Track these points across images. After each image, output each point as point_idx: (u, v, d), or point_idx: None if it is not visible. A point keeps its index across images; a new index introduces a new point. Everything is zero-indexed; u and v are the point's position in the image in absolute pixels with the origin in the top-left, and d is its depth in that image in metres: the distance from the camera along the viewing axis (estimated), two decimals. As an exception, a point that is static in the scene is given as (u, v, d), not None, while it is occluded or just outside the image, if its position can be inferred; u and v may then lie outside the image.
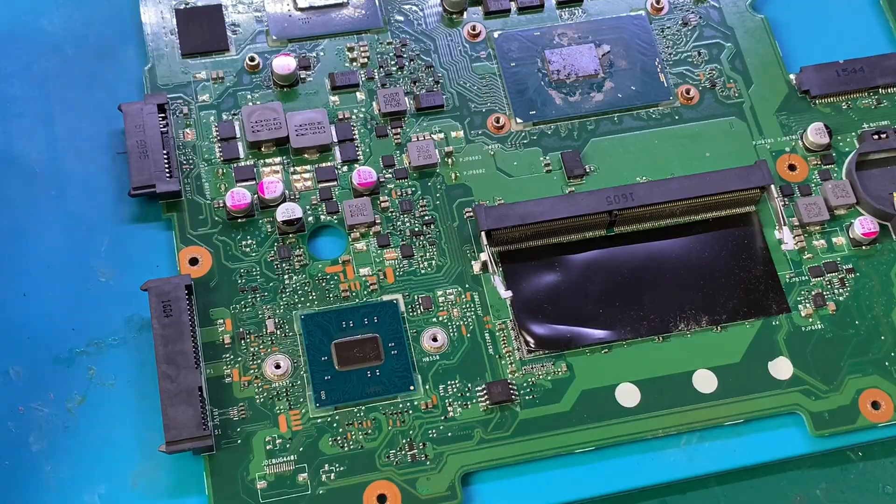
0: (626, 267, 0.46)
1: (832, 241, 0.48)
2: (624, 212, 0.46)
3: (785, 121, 0.50)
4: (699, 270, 0.46)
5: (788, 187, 0.48)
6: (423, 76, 0.50)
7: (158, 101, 0.47)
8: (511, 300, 0.45)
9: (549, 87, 0.50)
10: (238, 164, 0.47)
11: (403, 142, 0.48)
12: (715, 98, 0.50)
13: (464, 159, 0.48)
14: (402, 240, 0.46)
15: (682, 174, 0.48)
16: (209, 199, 0.46)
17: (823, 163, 0.49)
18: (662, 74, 0.50)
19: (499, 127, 0.49)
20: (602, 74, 0.50)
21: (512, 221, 0.45)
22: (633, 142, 0.49)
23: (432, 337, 0.44)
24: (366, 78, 0.49)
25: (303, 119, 0.47)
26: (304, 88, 0.49)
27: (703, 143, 0.49)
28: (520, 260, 0.46)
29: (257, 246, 0.45)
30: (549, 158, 0.48)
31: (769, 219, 0.48)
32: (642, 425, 0.43)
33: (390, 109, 0.48)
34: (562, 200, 0.46)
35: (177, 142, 0.47)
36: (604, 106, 0.50)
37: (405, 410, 0.43)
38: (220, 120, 0.48)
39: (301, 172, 0.47)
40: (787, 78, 0.51)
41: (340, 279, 0.45)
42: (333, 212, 0.46)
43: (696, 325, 0.45)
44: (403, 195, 0.47)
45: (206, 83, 0.48)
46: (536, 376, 0.44)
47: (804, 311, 0.46)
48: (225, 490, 0.41)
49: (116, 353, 0.44)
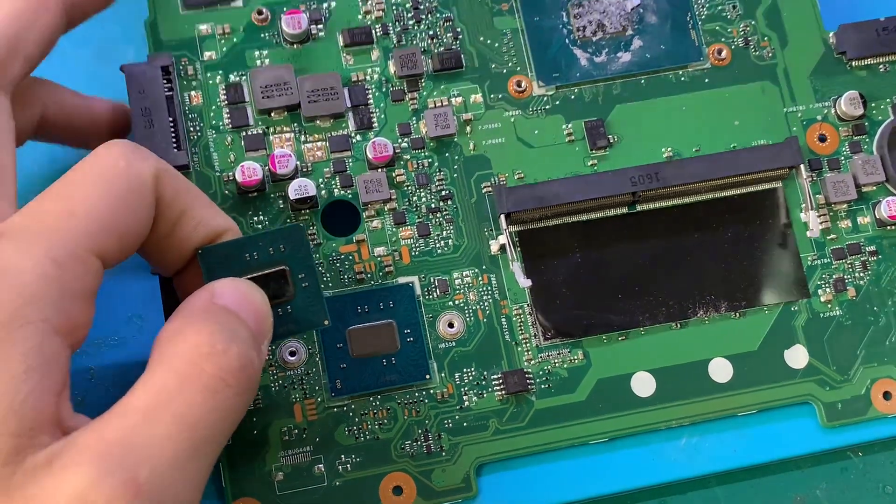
0: (648, 249, 0.45)
1: (857, 221, 0.46)
2: (648, 192, 0.45)
3: (819, 86, 0.48)
4: (721, 253, 0.45)
5: (817, 161, 0.47)
6: (441, 31, 0.47)
7: (163, 62, 0.44)
8: (530, 287, 0.44)
9: (573, 46, 0.47)
10: (247, 131, 0.45)
11: (420, 107, 0.46)
12: (747, 59, 0.48)
13: (483, 127, 0.46)
14: (418, 217, 0.45)
15: (709, 145, 0.46)
16: (219, 171, 0.44)
17: (855, 133, 0.47)
18: (694, 31, 0.48)
19: (520, 91, 0.46)
20: (630, 31, 0.47)
21: (532, 204, 0.44)
22: (659, 108, 0.47)
23: (448, 323, 0.44)
24: (381, 33, 0.46)
25: (314, 84, 0.45)
26: (316, 46, 0.46)
27: (733, 111, 0.47)
28: (539, 241, 0.45)
29: (269, 223, 0.44)
30: (572, 127, 0.46)
31: (795, 196, 0.46)
32: (656, 416, 0.44)
33: (407, 73, 0.46)
34: (584, 181, 0.44)
35: (182, 107, 0.45)
36: (631, 67, 0.47)
37: (421, 400, 0.43)
38: (227, 81, 0.45)
39: (314, 141, 0.45)
40: (824, 37, 0.48)
41: (355, 259, 0.44)
42: (347, 185, 0.45)
43: (714, 311, 0.45)
44: (420, 167, 0.45)
45: (211, 39, 0.46)
46: (553, 364, 0.44)
47: (824, 296, 0.45)
48: (242, 483, 0.41)
49: (116, 353, 0.43)
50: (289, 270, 0.37)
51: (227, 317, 0.34)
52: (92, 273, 0.33)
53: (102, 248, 0.34)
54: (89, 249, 0.33)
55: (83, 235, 0.33)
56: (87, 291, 0.33)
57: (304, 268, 0.38)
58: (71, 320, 0.32)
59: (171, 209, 0.36)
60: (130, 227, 0.35)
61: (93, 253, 0.33)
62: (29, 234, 0.32)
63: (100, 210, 0.33)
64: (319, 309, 0.38)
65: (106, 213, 0.34)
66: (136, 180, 0.34)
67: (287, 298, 0.37)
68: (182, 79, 0.45)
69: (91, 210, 0.33)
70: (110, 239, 0.34)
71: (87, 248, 0.33)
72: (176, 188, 0.36)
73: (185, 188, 0.36)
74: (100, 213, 0.33)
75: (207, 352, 0.32)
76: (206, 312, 0.34)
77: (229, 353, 0.33)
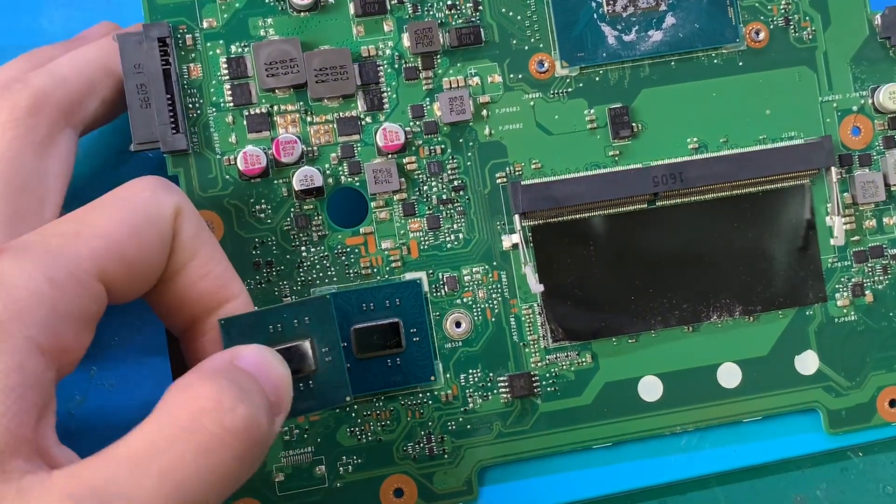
0: (665, 248, 0.44)
1: (882, 222, 0.45)
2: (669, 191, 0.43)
3: (858, 73, 0.45)
4: (740, 253, 0.44)
5: (848, 157, 0.45)
6: (460, 1, 0.43)
7: (160, 32, 0.41)
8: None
9: (602, 22, 0.44)
10: (250, 110, 0.42)
11: (435, 87, 0.43)
12: (786, 41, 0.45)
13: (500, 111, 0.43)
14: (428, 208, 0.43)
15: (738, 136, 0.44)
16: (220, 154, 0.42)
17: (890, 127, 0.45)
18: (732, 8, 0.44)
19: (542, 72, 0.43)
20: (664, 6, 0.44)
21: (549, 204, 0.42)
22: (688, 93, 0.44)
23: (456, 322, 0.43)
24: (396, 1, 0.43)
25: (323, 62, 0.42)
26: (325, 16, 0.42)
27: (766, 98, 0.44)
28: (552, 239, 0.43)
29: (272, 212, 0.42)
30: (594, 113, 0.44)
31: (822, 192, 0.44)
32: (661, 421, 0.43)
33: (422, 49, 0.42)
34: (603, 180, 0.42)
35: (181, 82, 0.41)
36: (661, 48, 0.44)
37: (425, 402, 0.42)
38: (228, 53, 0.42)
39: (320, 123, 0.42)
40: (869, 17, 0.45)
41: (361, 253, 0.42)
42: (356, 172, 0.42)
43: (728, 315, 0.44)
44: (432, 154, 0.43)
45: (212, 3, 0.42)
46: (560, 367, 0.43)
47: (840, 300, 0.44)
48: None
49: (116, 353, 0.42)
50: (313, 343, 0.36)
51: (242, 377, 0.32)
52: (92, 297, 0.32)
53: (108, 273, 0.32)
54: (92, 273, 0.32)
55: (87, 257, 0.32)
56: (84, 315, 0.32)
57: (328, 341, 0.36)
58: (60, 342, 0.31)
59: (184, 249, 0.34)
60: (142, 256, 0.33)
61: (96, 277, 0.32)
62: (32, 251, 0.31)
63: (109, 233, 0.32)
64: (342, 384, 0.36)
65: (115, 237, 0.32)
66: (154, 210, 0.34)
67: (309, 372, 0.36)
68: (180, 49, 0.42)
69: (99, 233, 0.32)
70: (118, 266, 0.32)
71: (90, 271, 0.32)
72: (197, 227, 0.35)
73: (206, 233, 0.35)
74: (109, 236, 0.32)
75: (211, 407, 0.31)
76: (222, 370, 0.32)
77: (235, 413, 0.31)
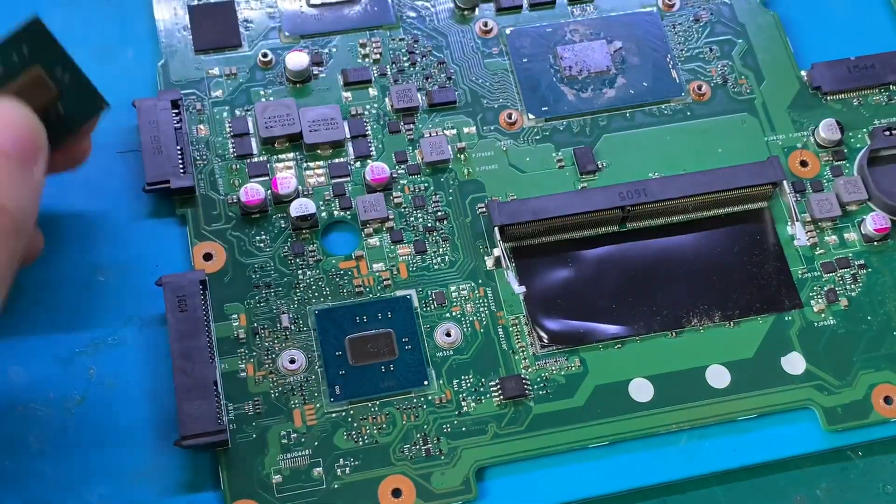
0: (639, 263, 0.46)
1: (844, 237, 0.48)
2: (637, 207, 0.46)
3: (797, 117, 0.50)
4: (712, 266, 0.46)
5: (800, 183, 0.49)
6: (435, 72, 0.50)
7: (172, 97, 0.47)
8: (524, 295, 0.45)
9: (560, 84, 0.50)
10: (251, 159, 0.47)
11: (416, 138, 0.48)
12: (727, 94, 0.50)
13: (476, 155, 0.48)
14: (415, 235, 0.46)
15: (695, 170, 0.48)
16: (223, 195, 0.46)
17: (835, 159, 0.49)
18: (674, 71, 0.50)
19: (511, 123, 0.49)
20: (614, 70, 0.50)
21: (525, 217, 0.45)
22: (645, 138, 0.49)
23: (446, 332, 0.44)
24: (378, 74, 0.49)
25: (316, 115, 0.47)
26: (317, 85, 0.49)
27: (716, 139, 0.49)
28: (533, 255, 0.46)
29: (271, 241, 0.46)
30: (562, 154, 0.48)
31: (781, 215, 0.48)
32: (656, 420, 0.44)
33: (403, 105, 0.48)
34: (575, 196, 0.46)
35: (190, 138, 0.47)
36: (616, 102, 0.50)
37: (419, 405, 0.43)
38: (233, 116, 0.48)
39: (314, 168, 0.47)
40: (798, 74, 0.51)
41: (354, 275, 0.45)
42: (347, 207, 0.46)
43: (708, 320, 0.45)
44: (416, 191, 0.47)
45: (220, 79, 0.49)
46: (550, 371, 0.44)
47: (816, 306, 0.46)
48: (240, 485, 0.41)
49: (116, 353, 0.44)
50: (43, 71, 0.33)
51: None
52: None
53: None
54: None
55: None
56: None
57: (58, 62, 0.33)
58: None
59: None
60: None
61: None
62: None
63: None
64: (91, 96, 0.34)
65: None
66: None
67: (53, 98, 0.33)
68: (190, 113, 0.48)
69: None
70: None
71: None
72: None
73: None
74: None
75: None
76: None
77: None
